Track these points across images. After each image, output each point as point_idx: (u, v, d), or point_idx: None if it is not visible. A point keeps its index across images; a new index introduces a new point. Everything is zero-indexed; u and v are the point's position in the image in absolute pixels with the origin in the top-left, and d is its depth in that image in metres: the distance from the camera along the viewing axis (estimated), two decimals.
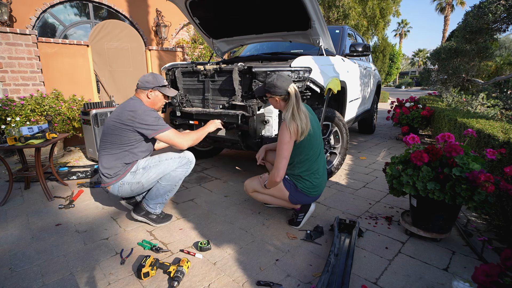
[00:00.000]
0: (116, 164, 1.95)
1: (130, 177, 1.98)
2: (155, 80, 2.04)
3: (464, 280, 1.23)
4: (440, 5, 28.32)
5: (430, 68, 7.88)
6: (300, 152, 1.89)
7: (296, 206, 2.05)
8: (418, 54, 42.72)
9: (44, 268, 1.62)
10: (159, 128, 1.95)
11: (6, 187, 2.79)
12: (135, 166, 2.00)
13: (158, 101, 2.10)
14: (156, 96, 2.07)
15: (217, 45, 3.65)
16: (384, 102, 13.11)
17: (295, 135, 1.79)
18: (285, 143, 1.79)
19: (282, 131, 1.80)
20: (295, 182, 1.95)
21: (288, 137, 1.78)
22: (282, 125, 1.82)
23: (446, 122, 3.70)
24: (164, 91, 2.09)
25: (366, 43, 3.34)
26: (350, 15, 9.23)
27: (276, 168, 1.82)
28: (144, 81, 2.03)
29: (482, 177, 1.49)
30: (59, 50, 4.38)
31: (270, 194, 2.03)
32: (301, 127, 1.79)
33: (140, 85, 2.03)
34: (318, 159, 1.96)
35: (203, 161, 3.71)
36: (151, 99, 2.06)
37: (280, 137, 1.81)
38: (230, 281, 1.51)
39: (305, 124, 1.80)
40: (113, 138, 1.94)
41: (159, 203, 2.10)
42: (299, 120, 1.79)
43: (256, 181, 2.10)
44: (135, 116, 1.90)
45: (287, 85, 1.82)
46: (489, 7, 5.37)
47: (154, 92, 2.06)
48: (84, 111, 3.50)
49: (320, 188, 2.00)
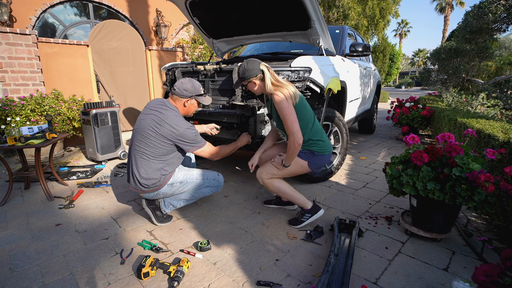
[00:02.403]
0: (154, 175, 1.98)
1: (167, 188, 2.05)
2: (194, 89, 2.04)
3: (464, 280, 1.23)
4: (440, 5, 28.32)
5: (430, 68, 7.88)
6: (300, 117, 1.89)
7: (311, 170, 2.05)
8: (418, 54, 42.72)
9: (44, 268, 1.62)
10: (198, 144, 2.03)
11: (6, 187, 2.79)
12: (172, 178, 2.06)
13: (193, 109, 2.14)
14: (192, 104, 2.10)
15: (217, 45, 3.66)
16: (384, 102, 13.11)
17: (291, 99, 1.83)
18: (287, 108, 1.79)
19: (278, 101, 1.80)
20: (310, 148, 1.98)
21: (285, 102, 1.80)
22: (275, 98, 1.82)
23: (446, 122, 3.70)
24: (200, 99, 2.11)
25: (366, 43, 3.34)
26: (350, 16, 9.22)
27: (292, 134, 1.80)
28: (183, 89, 2.01)
29: (482, 177, 1.49)
30: (59, 50, 4.38)
31: (290, 172, 2.02)
32: (290, 89, 1.84)
33: (177, 92, 2.02)
34: (315, 120, 2.01)
35: (203, 161, 3.70)
36: (187, 107, 2.08)
37: (280, 107, 1.80)
38: (230, 281, 1.51)
39: (291, 86, 1.88)
40: (150, 148, 1.95)
41: (172, 204, 2.16)
42: (284, 84, 1.86)
43: (269, 166, 2.05)
44: (176, 133, 1.94)
45: (258, 65, 1.88)
46: (489, 7, 5.37)
47: (191, 101, 2.07)
48: (84, 111, 3.50)
49: (330, 144, 2.07)
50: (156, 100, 2.08)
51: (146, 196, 2.10)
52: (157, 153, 1.96)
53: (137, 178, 1.97)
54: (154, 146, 1.94)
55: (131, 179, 2.02)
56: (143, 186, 1.99)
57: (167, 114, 1.95)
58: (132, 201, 2.52)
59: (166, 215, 2.16)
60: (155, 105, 2.02)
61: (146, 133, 1.95)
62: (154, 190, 2.02)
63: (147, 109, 2.04)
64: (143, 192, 2.05)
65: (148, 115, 1.98)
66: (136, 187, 2.02)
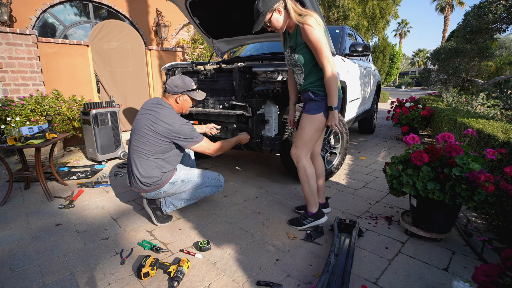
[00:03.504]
0: (155, 173, 1.98)
1: (168, 187, 2.06)
2: (184, 84, 2.04)
3: (464, 280, 1.23)
4: (440, 5, 28.33)
5: (430, 68, 7.89)
6: None
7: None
8: (418, 54, 42.73)
9: (44, 268, 1.62)
10: (195, 139, 2.03)
11: (6, 187, 2.79)
12: (174, 176, 2.06)
13: (187, 105, 2.13)
14: (185, 100, 2.09)
15: (217, 45, 3.65)
16: (384, 102, 13.11)
17: (320, 26, 1.70)
18: (321, 37, 1.68)
19: (311, 31, 1.66)
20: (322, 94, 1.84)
21: (319, 30, 1.68)
22: (307, 28, 1.68)
23: (446, 122, 3.70)
24: (193, 95, 2.10)
25: (366, 43, 3.34)
26: (350, 16, 9.23)
27: (329, 62, 1.71)
28: (173, 85, 2.01)
29: (482, 177, 1.49)
30: (59, 50, 4.38)
31: (314, 132, 1.89)
32: (316, 16, 1.70)
33: (168, 89, 2.02)
34: None
35: (203, 161, 3.70)
36: (180, 103, 2.08)
37: (315, 37, 1.67)
38: (230, 281, 1.51)
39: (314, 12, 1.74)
40: (148, 146, 1.95)
41: (173, 204, 2.16)
42: (308, 11, 1.71)
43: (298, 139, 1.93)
44: (172, 129, 1.93)
45: None
46: (489, 7, 5.37)
47: (183, 97, 2.07)
48: (84, 111, 3.50)
49: None
50: (151, 100, 2.10)
51: (147, 196, 2.10)
52: (155, 151, 1.96)
53: (138, 177, 1.98)
54: (151, 145, 1.95)
55: (132, 179, 2.03)
56: (144, 185, 1.99)
57: (161, 112, 1.96)
58: (132, 201, 2.52)
59: (166, 215, 2.16)
60: (150, 105, 2.04)
61: (143, 133, 1.96)
62: (156, 188, 2.03)
63: (142, 109, 2.06)
64: (145, 192, 2.05)
65: (144, 115, 2.00)
66: (138, 187, 2.02)
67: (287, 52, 1.92)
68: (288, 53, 1.91)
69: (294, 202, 2.45)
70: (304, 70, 1.86)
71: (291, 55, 1.87)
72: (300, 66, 1.87)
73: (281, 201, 2.49)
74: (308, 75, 1.87)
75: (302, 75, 1.90)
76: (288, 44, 1.92)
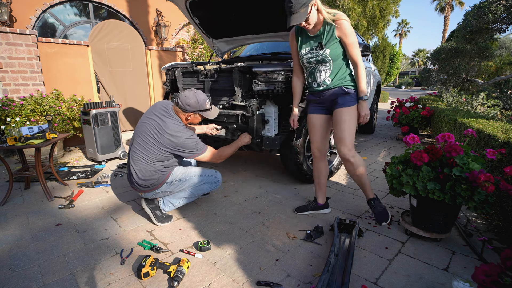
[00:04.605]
0: (153, 176, 1.99)
1: (166, 187, 2.06)
2: (197, 105, 1.99)
3: (464, 280, 1.23)
4: (440, 5, 28.33)
5: (430, 68, 7.89)
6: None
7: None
8: (418, 54, 42.72)
9: (44, 268, 1.62)
10: (198, 152, 2.04)
11: (6, 187, 2.79)
12: (171, 176, 2.06)
13: (196, 121, 2.12)
14: (196, 118, 2.08)
15: (217, 45, 3.65)
16: (384, 102, 13.11)
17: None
18: (354, 32, 1.80)
19: (348, 26, 1.76)
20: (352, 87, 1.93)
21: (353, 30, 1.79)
22: (343, 24, 1.76)
23: (446, 122, 3.70)
24: (205, 114, 2.08)
25: (366, 43, 3.34)
26: (350, 16, 9.23)
27: (360, 58, 1.83)
28: (186, 103, 1.97)
29: (482, 177, 1.49)
30: (59, 50, 4.38)
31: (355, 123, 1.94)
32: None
33: (180, 105, 1.99)
34: None
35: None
36: (190, 120, 2.07)
37: (350, 31, 1.78)
38: (230, 281, 1.51)
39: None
40: (149, 153, 1.96)
41: (171, 203, 2.16)
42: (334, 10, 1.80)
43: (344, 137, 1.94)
44: (176, 143, 1.94)
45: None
46: (489, 7, 5.37)
47: (194, 115, 2.05)
48: (84, 111, 3.50)
49: None
50: (160, 105, 2.06)
51: (145, 196, 2.11)
52: (155, 158, 1.97)
53: (135, 179, 1.99)
54: (153, 152, 1.95)
55: (131, 178, 2.04)
56: (141, 187, 2.01)
57: (168, 123, 1.95)
58: (132, 201, 2.52)
59: (166, 215, 2.16)
60: (159, 110, 2.02)
61: (146, 139, 1.96)
62: (153, 189, 2.04)
63: (150, 112, 2.04)
64: (142, 192, 2.06)
65: (150, 119, 1.99)
66: (136, 187, 2.04)
67: (309, 50, 1.92)
68: (312, 50, 1.90)
69: (294, 202, 2.46)
70: (333, 65, 1.88)
71: (319, 51, 1.87)
72: (329, 61, 1.88)
73: (281, 201, 2.49)
74: (336, 71, 1.90)
75: (329, 71, 1.90)
76: (309, 42, 1.91)
